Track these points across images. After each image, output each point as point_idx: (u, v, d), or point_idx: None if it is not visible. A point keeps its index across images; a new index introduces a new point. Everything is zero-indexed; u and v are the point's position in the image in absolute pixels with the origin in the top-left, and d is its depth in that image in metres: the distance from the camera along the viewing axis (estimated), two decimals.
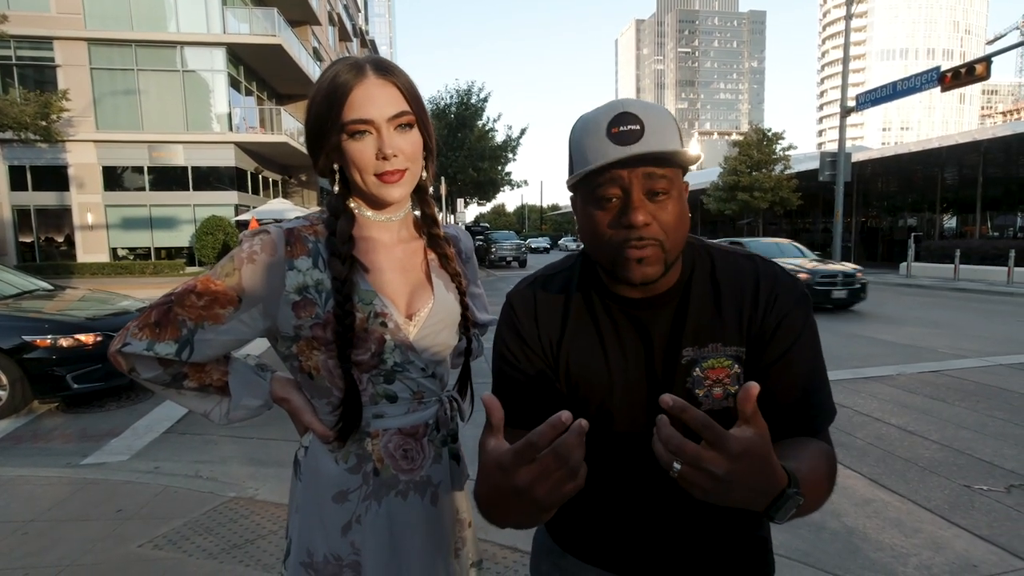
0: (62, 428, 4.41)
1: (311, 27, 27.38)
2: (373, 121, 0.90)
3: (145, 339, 0.90)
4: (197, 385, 0.97)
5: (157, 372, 0.94)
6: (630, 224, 0.76)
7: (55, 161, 19.22)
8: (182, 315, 0.90)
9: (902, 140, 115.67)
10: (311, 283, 0.92)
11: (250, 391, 1.00)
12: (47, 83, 18.68)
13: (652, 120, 0.75)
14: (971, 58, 15.20)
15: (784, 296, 0.84)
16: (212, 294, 0.90)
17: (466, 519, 1.12)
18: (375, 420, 0.98)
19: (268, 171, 24.14)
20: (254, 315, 0.92)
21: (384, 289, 0.97)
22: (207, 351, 0.92)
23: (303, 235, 0.95)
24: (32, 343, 4.47)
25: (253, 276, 0.90)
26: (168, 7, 19.58)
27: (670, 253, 0.79)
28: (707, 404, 0.82)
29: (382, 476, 0.98)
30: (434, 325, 1.00)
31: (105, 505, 2.91)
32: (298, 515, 1.00)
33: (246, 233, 0.95)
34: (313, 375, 0.95)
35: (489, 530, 2.63)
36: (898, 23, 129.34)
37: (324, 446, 0.98)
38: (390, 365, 0.96)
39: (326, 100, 0.90)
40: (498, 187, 27.94)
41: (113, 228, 20.12)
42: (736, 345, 0.82)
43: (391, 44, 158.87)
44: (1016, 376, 5.64)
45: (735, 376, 0.82)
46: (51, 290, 5.93)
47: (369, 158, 0.92)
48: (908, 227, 30.08)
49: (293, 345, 0.94)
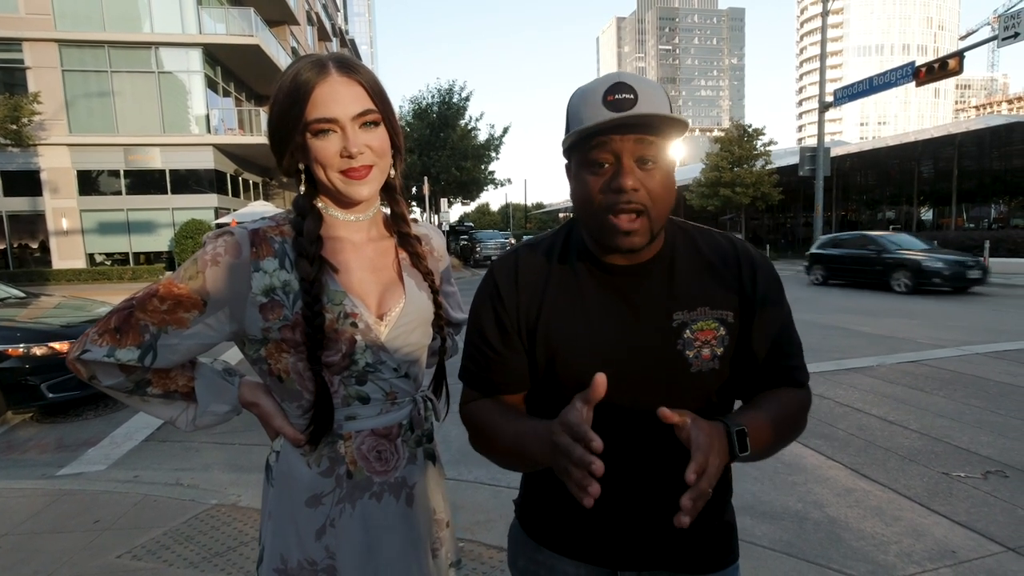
0: (37, 438, 4.30)
1: (289, 27, 27.06)
2: (337, 120, 0.88)
3: (106, 345, 0.88)
4: (162, 392, 0.95)
5: (119, 379, 0.91)
6: (619, 188, 0.79)
7: (27, 166, 18.76)
8: (144, 320, 0.88)
9: (879, 134, 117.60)
10: (278, 284, 0.90)
11: (217, 396, 0.98)
12: (17, 86, 18.21)
13: (645, 90, 0.78)
14: (944, 53, 15.49)
15: (763, 267, 0.92)
16: (175, 298, 0.88)
17: (443, 519, 1.11)
18: (347, 422, 0.96)
19: (248, 173, 23.83)
20: (220, 318, 0.90)
21: (354, 289, 0.95)
22: (171, 356, 0.90)
23: (269, 236, 0.93)
24: (4, 352, 4.35)
25: (217, 279, 0.88)
26: (141, 7, 19.22)
27: (655, 222, 0.82)
28: (696, 365, 0.86)
29: (356, 478, 0.97)
30: (406, 325, 0.99)
31: (82, 516, 2.84)
32: (271, 521, 0.99)
33: (209, 235, 0.93)
34: (283, 378, 0.94)
35: (476, 531, 2.62)
36: (873, 19, 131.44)
37: (296, 450, 0.96)
38: (361, 366, 0.94)
39: (288, 98, 0.88)
40: (481, 186, 27.88)
41: (89, 233, 19.71)
42: (723, 309, 0.88)
43: (371, 43, 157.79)
44: (992, 364, 5.76)
45: (720, 338, 0.87)
46: (24, 297, 5.80)
47: (334, 156, 0.90)
48: (886, 219, 30.62)
49: (262, 348, 0.93)
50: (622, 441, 0.86)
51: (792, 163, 22.66)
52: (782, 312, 0.91)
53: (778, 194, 26.52)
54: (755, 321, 0.89)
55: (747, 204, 27.03)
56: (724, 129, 30.31)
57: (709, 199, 27.67)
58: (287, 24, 26.66)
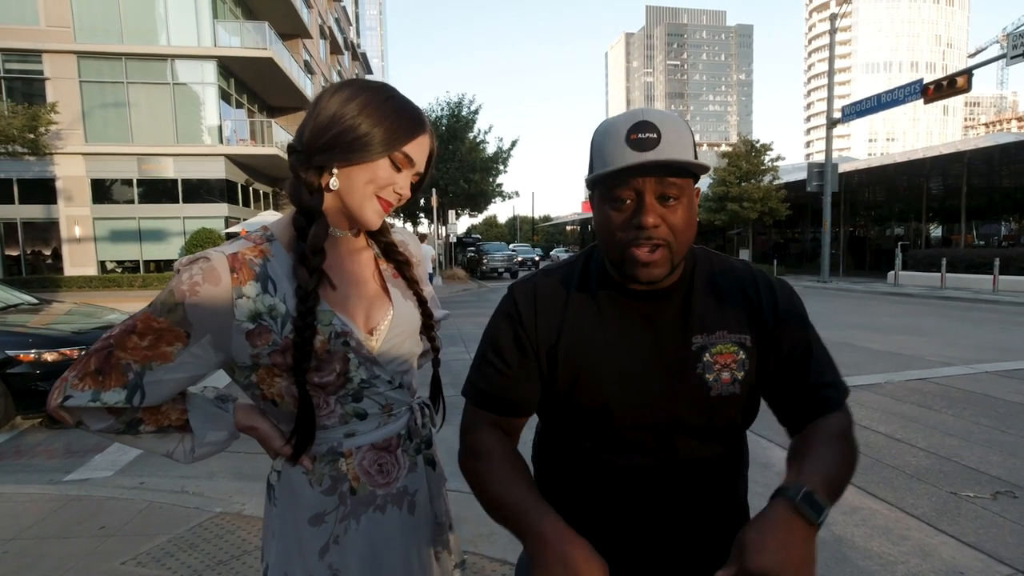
0: (45, 444, 4.34)
1: (302, 40, 27.50)
2: (414, 165, 0.95)
3: (88, 389, 0.84)
4: (155, 428, 0.92)
5: (108, 422, 0.88)
6: (640, 225, 0.81)
7: (43, 174, 19.10)
8: (125, 359, 0.85)
9: (888, 151, 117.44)
10: (263, 309, 0.88)
11: (213, 425, 0.96)
12: (36, 96, 18.61)
13: (669, 130, 0.81)
14: (953, 71, 15.50)
15: (781, 290, 0.93)
16: (156, 332, 0.85)
17: (446, 523, 1.12)
18: (347, 439, 0.96)
19: (258, 183, 24.11)
20: (205, 348, 0.87)
21: (341, 306, 0.94)
22: (161, 391, 0.88)
23: (247, 258, 0.90)
24: (15, 358, 4.41)
25: (198, 309, 0.85)
26: (159, 20, 19.62)
27: (676, 255, 0.85)
28: (716, 389, 0.87)
29: (359, 494, 0.97)
30: (396, 336, 0.99)
31: (88, 522, 2.86)
32: (274, 540, 0.98)
33: (183, 260, 0.88)
34: (277, 402, 0.93)
35: (479, 543, 2.61)
36: (882, 36, 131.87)
37: (297, 469, 0.96)
38: (356, 383, 0.94)
39: (402, 120, 0.93)
40: (489, 199, 27.97)
41: (101, 241, 19.98)
42: (740, 332, 0.89)
43: (382, 57, 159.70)
44: (1001, 383, 5.70)
45: (740, 362, 0.88)
46: (36, 304, 5.87)
47: (390, 185, 0.94)
48: (895, 236, 30.44)
49: (252, 374, 0.91)
50: (652, 457, 0.88)
51: (800, 178, 22.64)
52: (806, 333, 0.91)
53: (786, 209, 26.47)
54: (776, 344, 0.89)
55: (755, 219, 26.98)
56: (732, 144, 30.36)
57: (716, 213, 27.64)
58: (300, 38, 27.10)
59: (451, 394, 1.11)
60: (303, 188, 0.91)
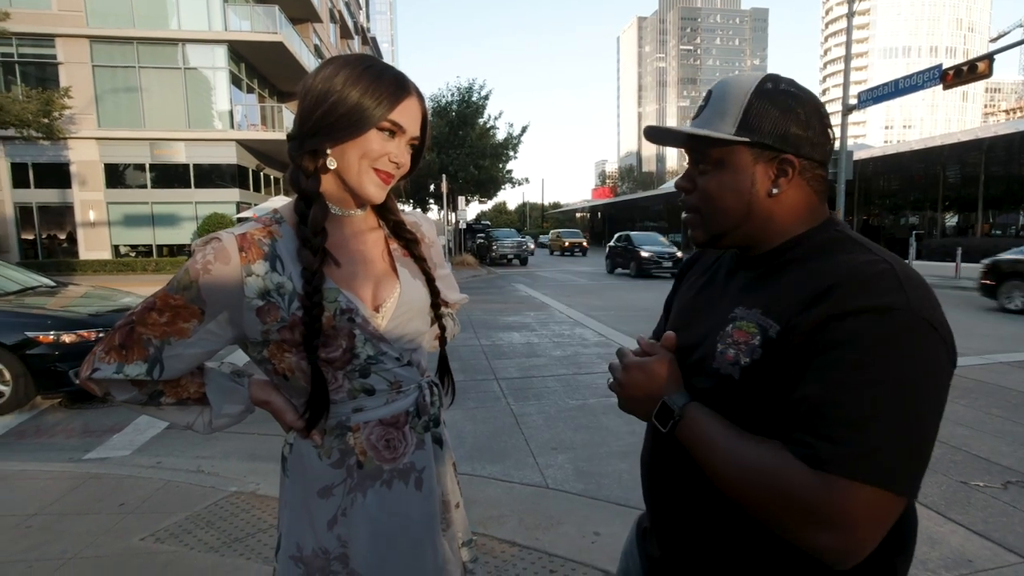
0: (65, 423, 4.44)
1: (312, 24, 27.37)
2: (405, 131, 0.95)
3: (113, 362, 0.91)
4: (175, 400, 0.98)
5: (132, 393, 0.95)
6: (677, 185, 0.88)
7: (57, 158, 19.27)
8: (146, 334, 0.90)
9: (904, 138, 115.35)
10: (272, 287, 0.91)
11: (229, 398, 1.01)
12: (49, 80, 18.71)
13: (717, 97, 0.84)
14: (974, 56, 15.16)
15: (850, 302, 0.68)
16: (173, 309, 0.90)
17: (452, 501, 1.13)
18: (355, 414, 0.99)
19: (269, 168, 24.17)
20: (220, 324, 0.92)
21: (347, 283, 0.97)
22: (178, 366, 0.93)
23: (256, 238, 0.94)
24: (35, 339, 4.50)
25: (211, 287, 0.89)
26: (169, 4, 19.61)
27: (711, 221, 0.85)
28: (716, 361, 0.79)
29: (366, 468, 1.00)
30: (403, 315, 1.01)
31: (108, 499, 2.94)
32: (287, 509, 1.03)
33: (197, 242, 0.93)
34: (288, 376, 0.96)
35: (488, 525, 2.65)
36: (901, 20, 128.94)
37: (307, 443, 1.00)
38: (363, 359, 0.96)
39: (381, 88, 0.92)
40: (499, 185, 27.86)
41: (115, 225, 20.18)
42: (771, 319, 0.75)
43: (392, 42, 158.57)
44: (1014, 374, 5.65)
45: (751, 347, 0.75)
46: (53, 286, 5.96)
47: (383, 154, 0.94)
48: (909, 225, 30.03)
49: (264, 349, 0.95)
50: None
51: None
52: (851, 377, 0.65)
53: None
54: (800, 361, 0.70)
55: None
56: None
57: None
58: (310, 22, 26.98)
59: (460, 379, 1.12)
60: (300, 173, 0.94)
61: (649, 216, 49.94)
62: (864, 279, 0.70)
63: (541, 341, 7.59)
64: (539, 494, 3.11)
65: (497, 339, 7.74)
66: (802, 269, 0.77)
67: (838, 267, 0.73)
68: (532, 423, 4.35)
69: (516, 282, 16.76)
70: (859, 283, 0.70)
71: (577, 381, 5.49)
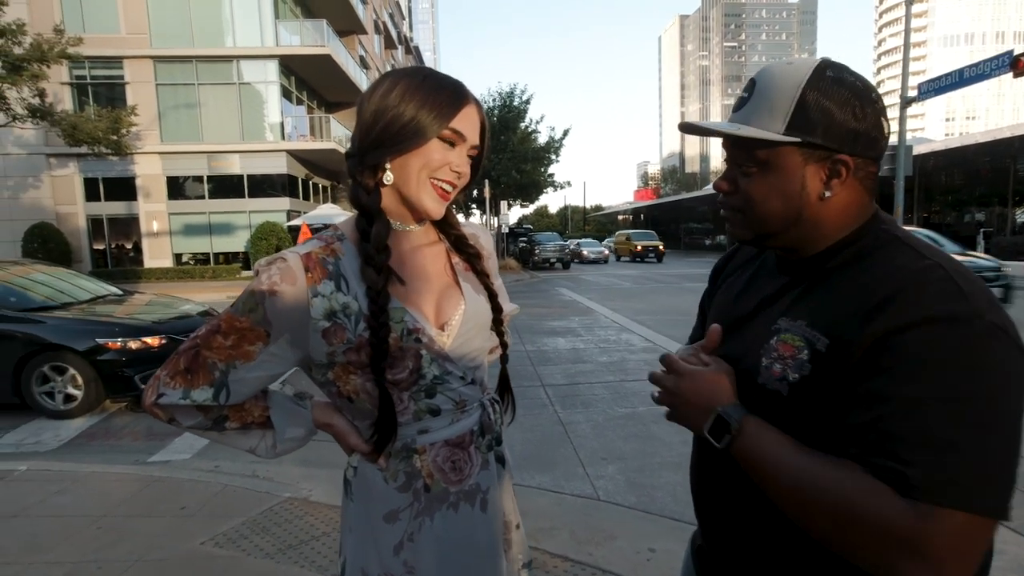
0: (130, 426, 4.66)
1: (358, 36, 28.12)
2: (466, 140, 0.93)
3: (179, 387, 0.89)
4: (239, 425, 0.97)
5: (198, 419, 0.93)
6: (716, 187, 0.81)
7: (124, 173, 20.41)
8: (211, 358, 0.89)
9: (967, 130, 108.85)
10: (338, 307, 0.89)
11: (293, 421, 0.99)
12: (117, 100, 19.88)
13: (763, 87, 0.75)
14: None
15: (912, 313, 0.63)
16: (238, 332, 0.88)
17: (512, 521, 1.10)
18: (420, 436, 0.96)
19: (318, 177, 24.90)
20: (284, 347, 0.90)
21: (412, 301, 0.94)
22: (244, 390, 0.92)
23: (321, 258, 0.92)
24: (104, 345, 4.74)
25: (277, 308, 0.87)
26: (225, 23, 20.51)
27: (755, 224, 0.79)
28: (762, 376, 0.75)
29: (433, 491, 0.97)
30: (467, 332, 0.98)
31: (170, 502, 3.04)
32: (352, 535, 1.00)
33: (261, 262, 0.92)
34: (353, 399, 0.94)
35: (540, 538, 2.61)
36: (962, 5, 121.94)
37: (372, 466, 0.97)
38: (429, 379, 0.94)
39: (436, 101, 0.89)
40: (541, 189, 27.85)
41: (176, 235, 21.21)
42: (818, 331, 0.70)
43: (435, 50, 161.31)
44: None
45: (799, 362, 0.71)
46: (120, 295, 6.28)
47: (444, 164, 0.92)
48: (976, 222, 28.33)
49: (328, 372, 0.93)
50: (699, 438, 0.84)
51: None
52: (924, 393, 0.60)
53: None
54: (859, 379, 0.65)
55: None
56: None
57: None
58: (356, 33, 27.72)
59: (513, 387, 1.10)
60: (360, 190, 0.92)
61: (694, 217, 48.91)
62: (919, 287, 0.65)
63: (587, 347, 7.50)
64: (590, 506, 3.04)
65: (542, 344, 7.69)
66: (849, 278, 0.73)
67: (889, 276, 0.68)
68: (580, 431, 4.28)
69: (559, 286, 16.67)
70: (915, 292, 0.65)
71: (625, 388, 5.39)
